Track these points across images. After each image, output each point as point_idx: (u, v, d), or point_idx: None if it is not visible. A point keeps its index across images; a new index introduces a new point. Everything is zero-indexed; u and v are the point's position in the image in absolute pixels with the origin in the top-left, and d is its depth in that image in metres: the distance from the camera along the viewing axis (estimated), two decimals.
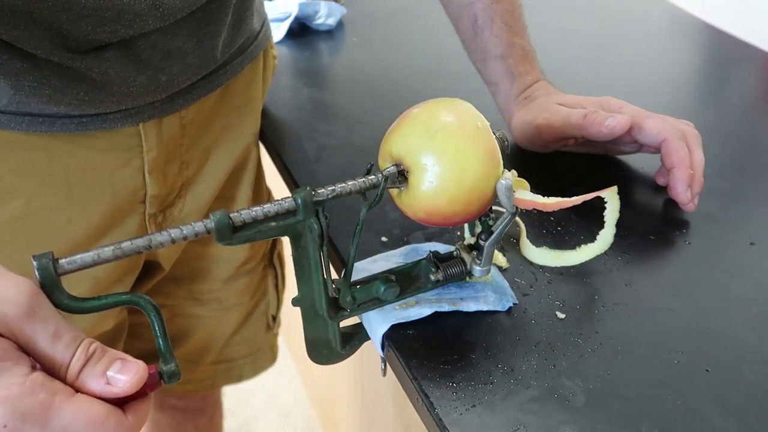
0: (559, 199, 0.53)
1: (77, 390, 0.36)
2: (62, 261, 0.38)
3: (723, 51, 1.03)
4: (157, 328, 0.41)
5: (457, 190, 0.48)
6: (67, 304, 0.38)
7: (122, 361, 0.37)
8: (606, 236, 0.58)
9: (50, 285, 0.38)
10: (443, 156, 0.48)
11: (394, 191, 0.51)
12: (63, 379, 0.36)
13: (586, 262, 0.58)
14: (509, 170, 0.51)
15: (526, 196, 0.52)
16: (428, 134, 0.48)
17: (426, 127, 0.49)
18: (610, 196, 0.58)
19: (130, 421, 0.36)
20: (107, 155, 0.64)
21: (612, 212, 0.57)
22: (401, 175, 0.49)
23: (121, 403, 0.37)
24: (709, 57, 1.04)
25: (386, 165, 0.51)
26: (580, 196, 0.54)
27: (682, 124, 0.67)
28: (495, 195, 0.50)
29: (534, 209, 0.53)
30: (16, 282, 0.36)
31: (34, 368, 0.35)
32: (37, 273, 0.37)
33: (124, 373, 0.36)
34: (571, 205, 0.53)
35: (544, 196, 0.54)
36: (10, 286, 0.35)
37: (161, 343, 0.41)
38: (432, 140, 0.48)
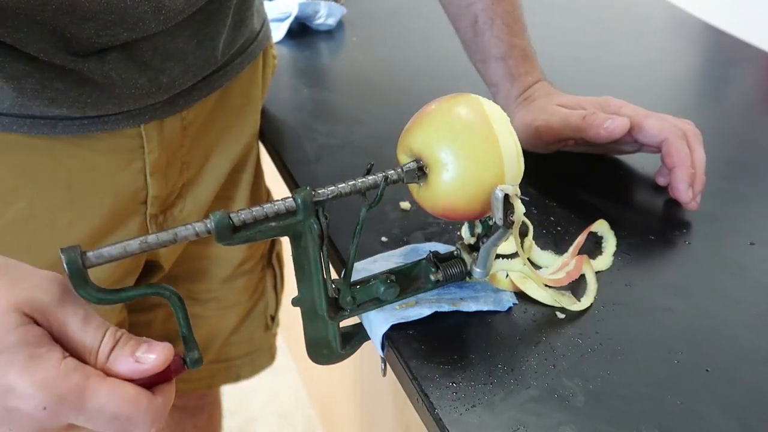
0: (565, 260, 0.59)
1: (107, 374, 0.38)
2: (89, 254, 0.39)
3: (723, 51, 1.03)
4: (180, 318, 0.42)
5: (476, 189, 0.49)
6: (96, 296, 0.39)
7: (149, 343, 0.39)
8: (605, 261, 0.60)
9: (78, 277, 0.39)
10: (464, 154, 0.48)
11: (412, 186, 0.51)
12: (93, 364, 0.38)
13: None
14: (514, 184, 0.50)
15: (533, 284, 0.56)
16: (450, 132, 0.49)
17: (447, 124, 0.49)
18: (605, 230, 0.63)
19: (159, 401, 0.38)
20: (109, 157, 0.64)
21: (609, 244, 0.61)
22: (420, 171, 0.50)
23: (147, 387, 0.39)
24: (709, 57, 1.04)
25: (405, 160, 0.51)
26: (575, 248, 0.59)
27: (683, 123, 0.67)
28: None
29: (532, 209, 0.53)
30: (46, 274, 0.39)
31: (65, 356, 0.37)
32: (65, 266, 0.38)
33: (151, 353, 0.38)
34: (574, 267, 0.57)
35: (557, 253, 0.60)
36: (42, 277, 0.38)
37: (185, 330, 0.42)
38: (454, 138, 0.48)
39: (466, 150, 0.48)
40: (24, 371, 0.35)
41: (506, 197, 0.48)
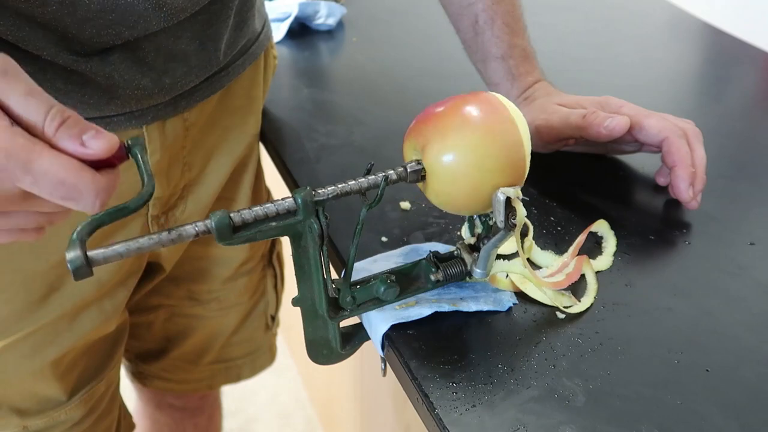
0: (565, 261, 0.58)
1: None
2: (92, 253, 0.39)
3: (723, 51, 1.03)
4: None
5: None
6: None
7: (96, 130, 0.38)
8: (605, 261, 0.60)
9: (83, 276, 0.39)
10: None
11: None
12: (39, 137, 0.38)
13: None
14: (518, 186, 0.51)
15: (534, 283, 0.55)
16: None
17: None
18: (605, 230, 0.62)
19: (103, 178, 0.39)
20: None
21: (609, 244, 0.61)
22: (422, 171, 0.50)
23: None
24: (709, 57, 1.04)
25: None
26: (575, 248, 0.59)
27: (683, 122, 0.67)
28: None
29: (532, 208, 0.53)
30: None
31: (13, 124, 0.37)
32: (69, 265, 0.38)
33: (98, 139, 0.38)
34: (573, 269, 0.57)
35: (557, 253, 0.60)
36: None
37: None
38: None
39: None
40: None
41: (508, 200, 0.48)
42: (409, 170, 0.49)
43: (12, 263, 0.62)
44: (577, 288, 0.57)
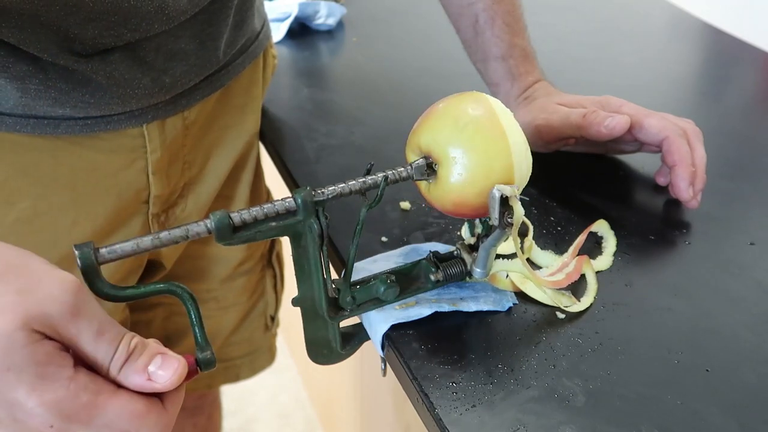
0: (565, 261, 0.58)
1: (118, 384, 0.37)
2: (102, 250, 0.39)
3: (723, 51, 1.03)
4: (193, 317, 0.42)
5: (486, 182, 0.49)
6: (107, 292, 0.39)
7: (163, 356, 0.38)
8: (605, 261, 0.60)
9: (91, 273, 0.39)
10: (472, 148, 0.48)
11: (422, 184, 0.51)
12: (105, 374, 0.37)
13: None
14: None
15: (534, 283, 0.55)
16: (457, 127, 0.49)
17: (455, 120, 0.49)
18: (605, 230, 0.63)
19: (168, 414, 0.37)
20: (112, 156, 0.64)
21: (609, 244, 0.62)
22: (430, 168, 0.50)
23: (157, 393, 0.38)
24: (709, 57, 1.04)
25: (414, 158, 0.51)
26: (575, 248, 0.59)
27: (683, 122, 0.67)
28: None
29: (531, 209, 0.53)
30: (60, 278, 0.35)
31: (76, 364, 0.36)
32: (78, 262, 0.38)
33: (164, 369, 0.37)
34: (573, 268, 0.57)
35: (557, 253, 0.60)
36: (55, 283, 0.35)
37: (197, 331, 0.41)
38: (461, 133, 0.48)
39: (474, 142, 0.48)
40: (32, 391, 0.34)
41: (504, 198, 0.48)
42: (414, 167, 0.49)
43: None
44: (577, 288, 0.57)
